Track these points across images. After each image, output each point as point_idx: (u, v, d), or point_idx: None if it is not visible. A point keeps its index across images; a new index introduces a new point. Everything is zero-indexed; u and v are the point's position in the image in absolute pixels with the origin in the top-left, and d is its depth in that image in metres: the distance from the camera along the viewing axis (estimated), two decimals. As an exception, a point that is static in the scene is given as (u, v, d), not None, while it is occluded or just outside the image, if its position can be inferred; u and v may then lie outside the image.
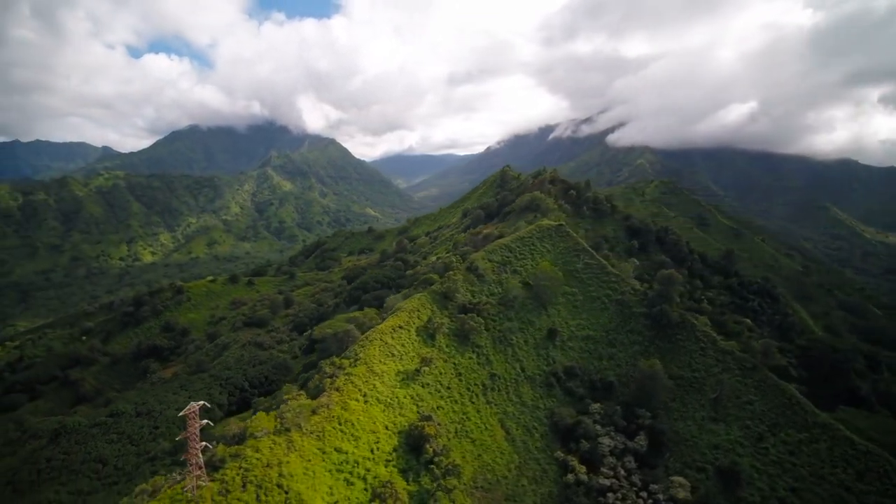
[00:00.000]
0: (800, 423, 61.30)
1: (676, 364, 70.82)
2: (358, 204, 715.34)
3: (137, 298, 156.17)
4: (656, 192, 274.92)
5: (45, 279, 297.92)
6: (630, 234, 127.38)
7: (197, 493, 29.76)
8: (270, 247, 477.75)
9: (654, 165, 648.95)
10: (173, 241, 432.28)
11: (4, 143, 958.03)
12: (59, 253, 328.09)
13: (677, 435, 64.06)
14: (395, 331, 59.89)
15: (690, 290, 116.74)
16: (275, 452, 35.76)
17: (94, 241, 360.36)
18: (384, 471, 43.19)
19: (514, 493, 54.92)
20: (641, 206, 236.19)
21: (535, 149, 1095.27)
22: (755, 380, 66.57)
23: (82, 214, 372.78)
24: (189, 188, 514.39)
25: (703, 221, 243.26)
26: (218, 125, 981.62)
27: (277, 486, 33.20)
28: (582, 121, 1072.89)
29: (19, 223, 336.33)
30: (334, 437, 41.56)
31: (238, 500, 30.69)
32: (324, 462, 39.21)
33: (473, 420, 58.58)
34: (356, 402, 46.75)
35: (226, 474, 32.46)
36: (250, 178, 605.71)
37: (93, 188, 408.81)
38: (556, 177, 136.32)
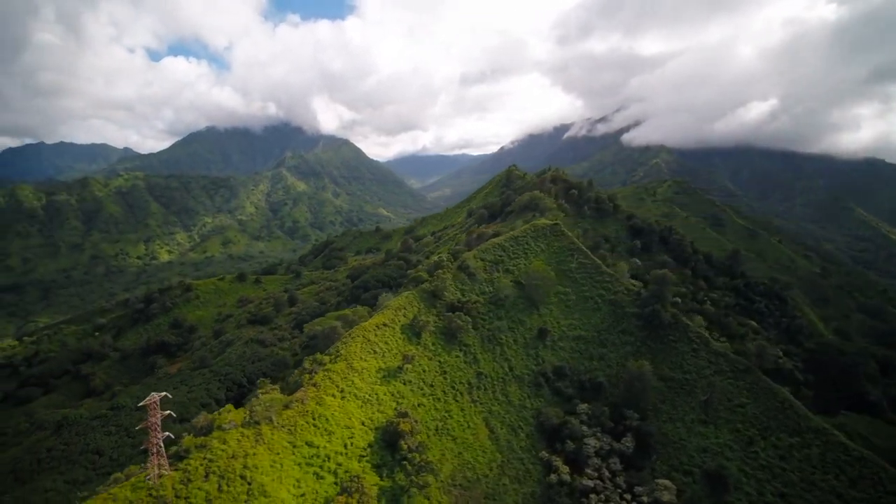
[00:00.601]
0: (792, 428, 59.80)
1: (668, 365, 69.76)
2: (370, 204, 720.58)
3: (148, 296, 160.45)
4: (669, 192, 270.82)
5: (66, 277, 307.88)
6: (633, 233, 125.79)
7: (158, 482, 30.70)
8: (284, 246, 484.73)
9: (671, 165, 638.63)
10: (189, 240, 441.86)
11: (30, 145, 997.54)
12: (80, 252, 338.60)
13: (665, 437, 63.10)
14: (378, 328, 60.41)
15: (693, 291, 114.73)
16: (242, 444, 36.56)
17: (113, 240, 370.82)
18: (357, 466, 43.69)
19: (495, 492, 54.88)
20: (653, 206, 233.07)
21: (550, 148, 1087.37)
22: (748, 382, 65.16)
23: (102, 214, 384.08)
24: (205, 188, 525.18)
25: (717, 222, 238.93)
26: (234, 126, 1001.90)
27: (241, 478, 33.96)
28: (597, 120, 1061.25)
29: (43, 223, 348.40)
30: (306, 432, 42.23)
31: (199, 490, 31.50)
32: (293, 455, 39.88)
33: (456, 418, 58.70)
34: (332, 397, 47.37)
35: (189, 464, 33.37)
36: (265, 179, 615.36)
37: (112, 189, 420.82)
38: (557, 176, 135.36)
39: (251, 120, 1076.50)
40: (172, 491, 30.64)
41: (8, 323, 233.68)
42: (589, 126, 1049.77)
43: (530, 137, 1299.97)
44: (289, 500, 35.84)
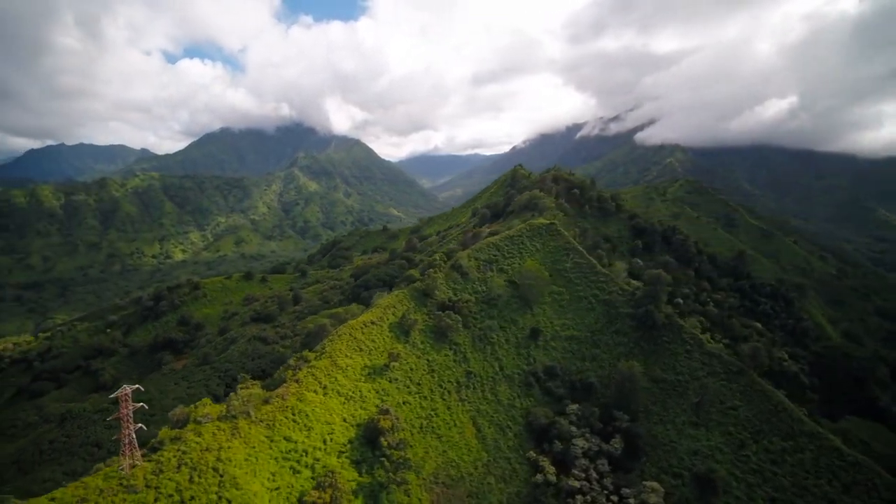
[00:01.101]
0: (785, 431, 58.62)
1: (660, 366, 68.92)
2: (381, 204, 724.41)
3: (157, 293, 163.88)
4: (680, 192, 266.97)
5: (84, 275, 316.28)
6: (635, 233, 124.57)
7: (129, 472, 31.60)
8: (295, 246, 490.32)
9: (685, 164, 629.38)
10: (203, 239, 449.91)
11: (51, 147, 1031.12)
12: (97, 250, 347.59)
13: (655, 439, 62.39)
14: (365, 326, 60.95)
15: (696, 292, 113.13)
16: (217, 438, 37.35)
17: (129, 239, 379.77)
18: (336, 461, 44.22)
19: (479, 491, 54.95)
20: (662, 206, 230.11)
21: (562, 148, 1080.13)
22: (741, 384, 64.05)
23: (119, 214, 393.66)
24: (219, 188, 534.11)
25: (729, 222, 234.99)
26: (248, 127, 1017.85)
27: (213, 470, 34.71)
28: (610, 119, 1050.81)
29: (62, 222, 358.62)
30: (285, 427, 42.90)
31: (170, 480, 32.31)
32: (270, 450, 40.57)
33: (442, 416, 58.91)
34: (314, 393, 48.00)
35: (163, 455, 34.25)
36: (277, 179, 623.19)
37: (129, 189, 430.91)
38: (559, 175, 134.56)
39: (264, 121, 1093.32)
40: (143, 481, 31.50)
41: (27, 319, 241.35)
42: (602, 125, 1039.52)
43: (542, 137, 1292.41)
44: (262, 492, 36.50)
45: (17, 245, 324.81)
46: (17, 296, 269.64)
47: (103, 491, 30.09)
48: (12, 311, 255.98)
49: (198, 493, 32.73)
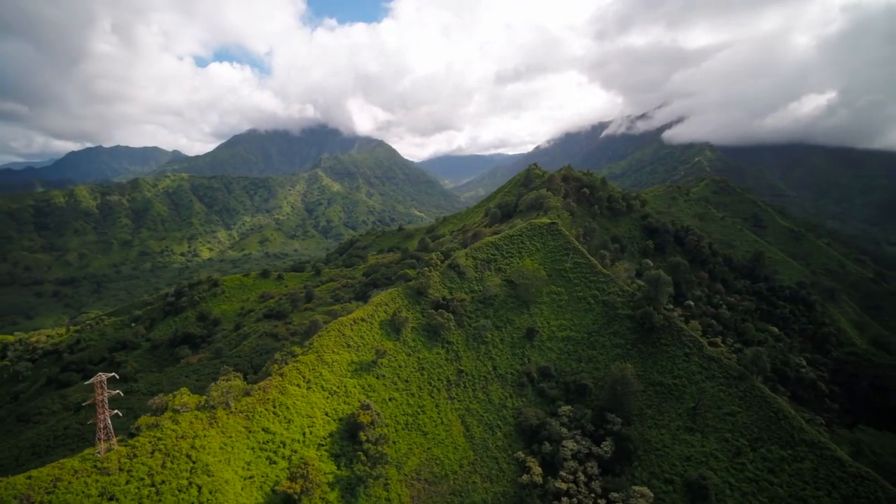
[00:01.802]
0: (784, 440, 56.36)
1: (657, 369, 67.32)
2: (403, 204, 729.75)
3: (178, 290, 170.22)
4: (706, 192, 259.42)
5: (117, 272, 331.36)
6: (647, 233, 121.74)
7: (104, 455, 33.30)
8: (318, 245, 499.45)
9: (714, 163, 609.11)
10: (229, 238, 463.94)
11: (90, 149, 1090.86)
12: (129, 248, 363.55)
13: (648, 443, 61.03)
14: (355, 323, 61.87)
15: (709, 295, 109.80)
16: (193, 426, 38.83)
17: (159, 238, 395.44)
18: (314, 454, 45.19)
19: (462, 489, 55.06)
20: (685, 206, 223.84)
21: (587, 147, 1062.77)
22: (741, 390, 61.90)
23: (150, 213, 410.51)
24: (245, 189, 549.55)
25: (758, 223, 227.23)
26: (274, 129, 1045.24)
27: (186, 456, 36.11)
28: (637, 117, 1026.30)
29: (98, 221, 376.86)
30: (264, 418, 44.13)
31: (142, 465, 33.84)
32: (247, 440, 41.84)
33: (429, 414, 59.24)
34: (297, 387, 49.15)
35: (138, 441, 35.88)
36: (301, 180, 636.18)
37: (160, 189, 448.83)
38: (569, 174, 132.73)
39: (290, 122, 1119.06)
40: (117, 464, 33.13)
41: (64, 314, 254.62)
42: (628, 123, 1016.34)
43: (567, 136, 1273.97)
44: (234, 480, 37.74)
45: (56, 243, 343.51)
46: (54, 291, 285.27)
47: (78, 472, 31.80)
48: (50, 305, 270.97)
49: (169, 477, 34.14)
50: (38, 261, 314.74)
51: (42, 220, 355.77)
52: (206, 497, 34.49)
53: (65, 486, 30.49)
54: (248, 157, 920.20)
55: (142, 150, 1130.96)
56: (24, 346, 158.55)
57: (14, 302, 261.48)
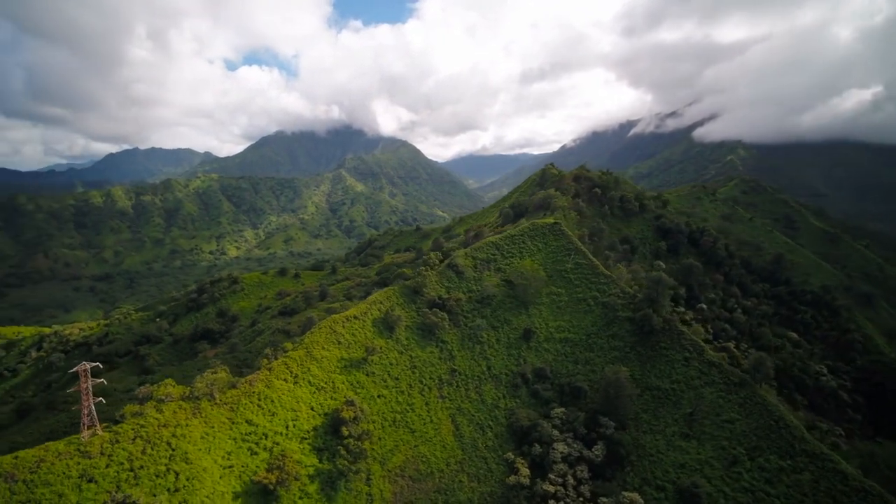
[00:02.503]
0: (784, 449, 54.10)
1: (655, 373, 65.71)
2: (426, 204, 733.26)
3: (200, 286, 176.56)
4: (734, 191, 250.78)
5: (149, 269, 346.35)
6: (660, 234, 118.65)
7: (88, 440, 35.27)
8: (340, 244, 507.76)
9: (748, 162, 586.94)
10: (256, 237, 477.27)
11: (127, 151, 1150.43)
12: (161, 246, 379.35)
13: (642, 449, 59.68)
14: (347, 320, 62.97)
15: (723, 298, 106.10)
16: (177, 416, 40.56)
17: (189, 236, 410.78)
18: (297, 446, 46.40)
19: (448, 488, 55.28)
20: (710, 207, 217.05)
21: (614, 146, 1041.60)
22: (741, 396, 59.75)
23: (181, 212, 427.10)
24: (272, 189, 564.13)
25: (790, 224, 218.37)
26: (301, 130, 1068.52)
27: (166, 444, 37.81)
28: (667, 115, 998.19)
29: (132, 220, 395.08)
30: (248, 410, 45.61)
31: (123, 450, 35.66)
32: (230, 430, 43.36)
33: (419, 412, 59.74)
34: (284, 381, 50.53)
35: (122, 427, 37.79)
36: (326, 180, 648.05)
37: (191, 189, 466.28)
38: (581, 174, 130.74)
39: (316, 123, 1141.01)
40: (99, 448, 35.05)
41: (98, 308, 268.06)
42: (657, 121, 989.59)
43: (594, 135, 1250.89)
44: (212, 469, 39.22)
45: (93, 240, 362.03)
46: (91, 287, 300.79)
47: (61, 454, 33.82)
48: (87, 300, 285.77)
49: (147, 463, 35.82)
50: (77, 257, 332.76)
51: (81, 218, 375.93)
52: (183, 483, 35.98)
53: (47, 467, 32.48)
54: (276, 158, 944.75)
55: (175, 152, 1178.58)
56: (59, 339, 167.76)
57: (53, 296, 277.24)
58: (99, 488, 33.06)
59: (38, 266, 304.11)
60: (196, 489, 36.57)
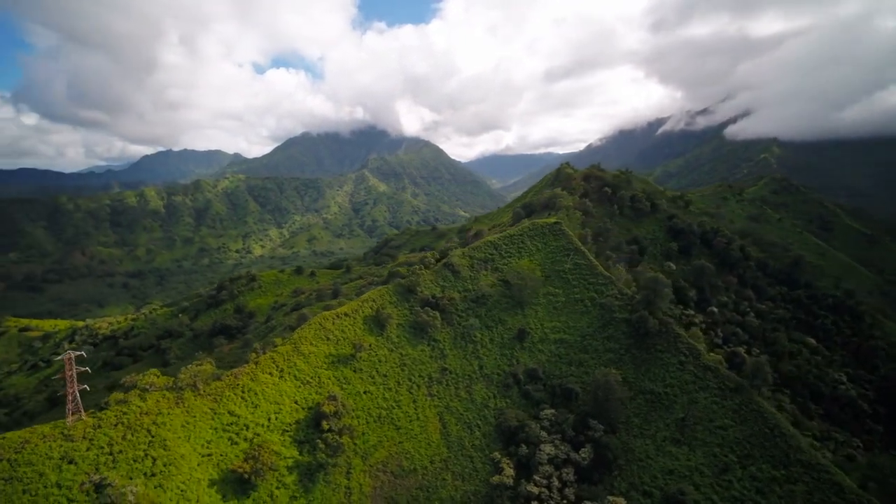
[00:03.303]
0: (778, 459, 52.03)
1: (649, 377, 64.26)
2: (447, 204, 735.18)
3: (219, 284, 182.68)
4: (764, 191, 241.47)
5: (178, 266, 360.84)
6: (672, 234, 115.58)
7: (72, 424, 37.46)
8: (362, 244, 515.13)
9: (782, 160, 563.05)
10: (280, 236, 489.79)
11: (161, 152, 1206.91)
12: (190, 245, 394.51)
13: (631, 453, 58.49)
14: (338, 317, 64.23)
15: (736, 301, 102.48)
16: (159, 404, 42.52)
17: (217, 235, 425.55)
18: (278, 438, 47.81)
19: (431, 485, 55.67)
20: (737, 207, 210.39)
21: (642, 144, 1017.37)
22: (736, 402, 57.77)
23: (210, 212, 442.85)
24: (297, 189, 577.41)
25: (824, 225, 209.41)
26: (326, 131, 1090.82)
27: (146, 430, 39.73)
28: (697, 112, 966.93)
29: (164, 219, 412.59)
30: (231, 402, 47.29)
31: (105, 435, 37.71)
32: (212, 420, 45.08)
33: (405, 409, 60.37)
34: (269, 375, 52.08)
35: (106, 414, 39.91)
36: (349, 180, 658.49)
37: (220, 190, 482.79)
38: (591, 173, 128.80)
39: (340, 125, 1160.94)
40: (82, 432, 37.19)
41: (130, 304, 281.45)
42: (687, 119, 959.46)
43: (621, 133, 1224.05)
44: (190, 456, 40.93)
45: (127, 239, 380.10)
46: (124, 283, 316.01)
47: (46, 436, 36.07)
48: (120, 295, 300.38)
49: (126, 448, 37.76)
50: (112, 255, 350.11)
51: (116, 217, 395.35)
52: (160, 468, 37.74)
53: (31, 448, 34.73)
54: (301, 159, 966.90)
55: (206, 154, 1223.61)
56: (90, 332, 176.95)
57: (89, 291, 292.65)
58: (78, 469, 35.13)
59: (76, 263, 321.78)
60: (172, 475, 38.27)
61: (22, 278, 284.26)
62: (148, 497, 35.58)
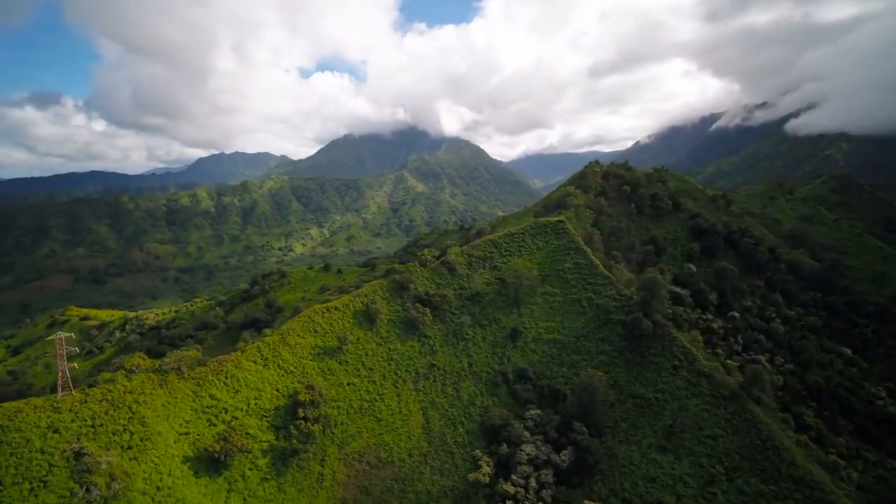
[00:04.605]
0: (768, 472, 48.75)
1: (641, 381, 61.95)
2: (486, 204, 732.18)
3: (253, 279, 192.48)
4: (822, 189, 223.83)
5: (225, 263, 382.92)
6: (694, 235, 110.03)
7: (61, 399, 41.57)
8: (399, 243, 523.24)
9: (851, 157, 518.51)
10: (321, 235, 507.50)
11: (214, 155, 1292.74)
12: (237, 243, 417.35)
13: (615, 458, 56.68)
14: (328, 311, 66.52)
15: (760, 306, 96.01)
16: (143, 385, 46.17)
17: (262, 234, 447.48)
18: (255, 422, 50.51)
19: (407, 477, 56.57)
20: (786, 207, 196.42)
21: (694, 141, 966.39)
22: (729, 412, 54.62)
23: (256, 212, 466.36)
24: (337, 189, 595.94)
25: (891, 227, 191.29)
26: (368, 133, 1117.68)
27: (128, 407, 43.33)
28: (756, 106, 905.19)
29: (214, 218, 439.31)
30: (213, 386, 50.44)
31: (89, 409, 41.57)
32: (193, 402, 48.34)
33: (388, 402, 61.68)
34: (253, 363, 55.01)
35: (93, 391, 43.89)
36: (388, 181, 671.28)
37: (265, 190, 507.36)
38: (611, 171, 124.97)
39: (381, 126, 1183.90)
40: (69, 406, 41.21)
41: (180, 297, 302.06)
42: (744, 114, 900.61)
43: (671, 130, 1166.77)
44: (167, 433, 44.20)
45: (180, 236, 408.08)
46: (176, 277, 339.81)
47: (38, 408, 40.31)
48: (171, 289, 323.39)
49: (107, 422, 41.44)
50: (166, 251, 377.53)
51: (171, 216, 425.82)
52: (136, 443, 41.15)
53: (23, 417, 38.95)
54: (344, 161, 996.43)
55: (255, 156, 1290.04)
56: (138, 322, 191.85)
57: (145, 285, 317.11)
58: (61, 438, 39.05)
59: (135, 258, 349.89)
60: (148, 449, 41.56)
61: (87, 272, 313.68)
62: (121, 467, 38.95)
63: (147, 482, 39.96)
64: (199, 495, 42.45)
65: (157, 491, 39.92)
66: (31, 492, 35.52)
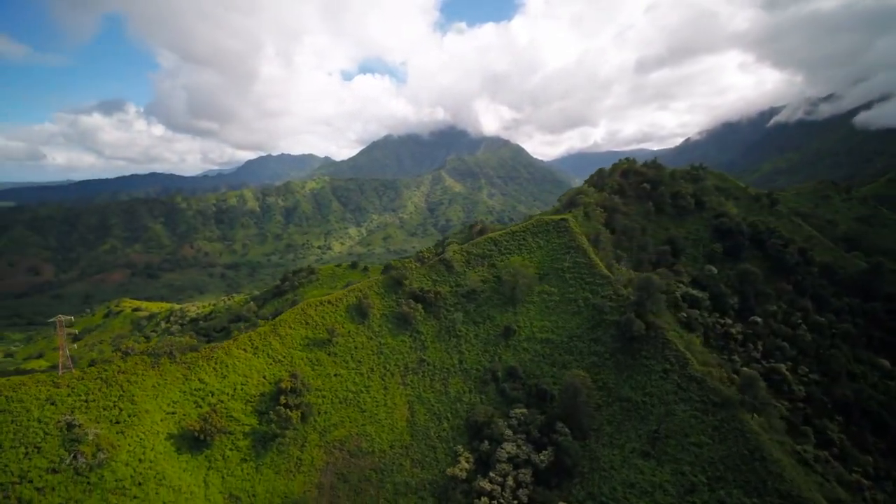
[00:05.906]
0: (752, 485, 45.93)
1: (630, 384, 59.93)
2: (524, 204, 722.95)
3: (284, 276, 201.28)
4: (887, 189, 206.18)
5: (268, 260, 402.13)
6: (719, 235, 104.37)
7: (62, 375, 46.09)
8: (433, 242, 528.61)
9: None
10: (359, 234, 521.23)
11: (262, 157, 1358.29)
12: (279, 241, 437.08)
13: (597, 462, 55.23)
14: (321, 304, 68.95)
15: (786, 311, 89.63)
16: (137, 366, 50.17)
17: (303, 233, 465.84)
18: (239, 406, 53.53)
19: (386, 468, 57.79)
20: (842, 207, 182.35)
21: (750, 137, 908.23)
22: (718, 419, 51.79)
23: (298, 211, 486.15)
24: (376, 190, 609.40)
25: None
26: (407, 133, 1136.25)
27: (119, 385, 47.30)
28: (821, 98, 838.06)
29: (258, 217, 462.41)
30: (202, 371, 53.89)
31: (84, 386, 45.83)
32: (182, 385, 51.92)
33: (374, 394, 63.24)
34: (243, 351, 58.19)
35: (91, 370, 48.25)
36: (426, 181, 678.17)
37: (307, 191, 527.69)
38: (630, 168, 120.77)
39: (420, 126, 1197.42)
40: (67, 382, 45.64)
41: (224, 292, 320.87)
42: (807, 107, 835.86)
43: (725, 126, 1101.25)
44: (154, 411, 47.84)
45: (227, 234, 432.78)
46: (221, 273, 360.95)
47: (40, 382, 44.96)
48: (217, 284, 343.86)
49: (98, 397, 45.52)
50: (214, 248, 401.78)
51: (220, 215, 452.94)
52: (124, 418, 44.96)
53: (25, 389, 43.59)
54: (384, 162, 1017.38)
55: (300, 157, 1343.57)
56: (181, 314, 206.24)
57: (194, 280, 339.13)
58: (56, 410, 43.40)
59: (186, 254, 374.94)
60: (134, 424, 45.28)
61: (143, 266, 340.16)
62: (108, 439, 42.74)
63: (131, 454, 43.58)
64: (180, 470, 45.69)
65: (139, 463, 43.45)
66: (25, 455, 39.86)
